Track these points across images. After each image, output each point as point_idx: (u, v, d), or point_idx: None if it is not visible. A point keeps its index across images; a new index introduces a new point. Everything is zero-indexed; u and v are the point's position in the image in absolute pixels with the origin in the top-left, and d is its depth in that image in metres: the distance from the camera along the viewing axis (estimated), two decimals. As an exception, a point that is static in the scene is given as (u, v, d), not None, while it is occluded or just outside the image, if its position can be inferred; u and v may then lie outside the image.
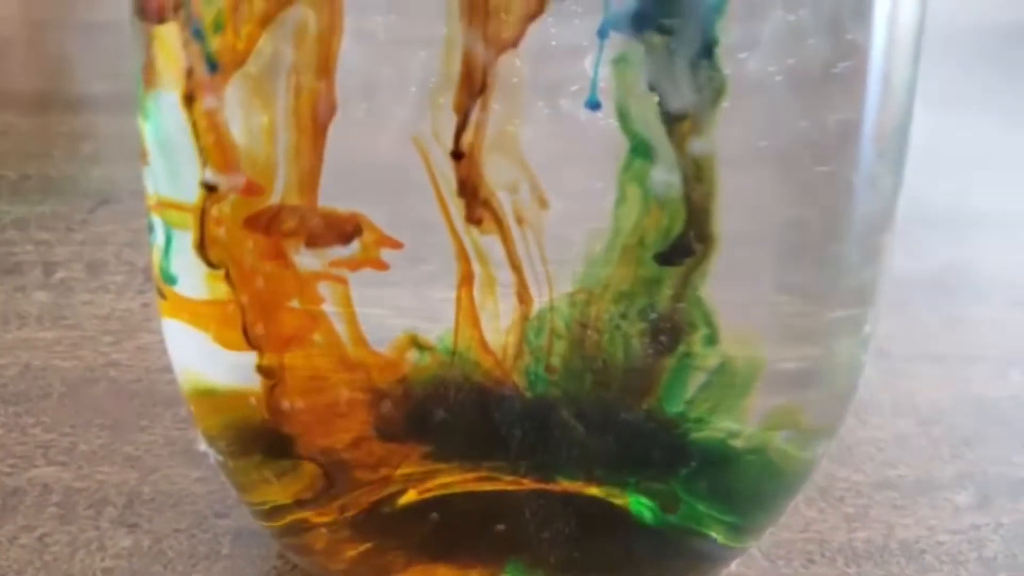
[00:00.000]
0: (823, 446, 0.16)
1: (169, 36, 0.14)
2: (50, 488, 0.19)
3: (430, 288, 0.14)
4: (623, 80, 0.13)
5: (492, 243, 0.14)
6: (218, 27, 0.13)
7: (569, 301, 0.14)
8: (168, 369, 0.22)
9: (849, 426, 0.21)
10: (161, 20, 0.14)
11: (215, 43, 0.13)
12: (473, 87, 0.13)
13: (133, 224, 0.28)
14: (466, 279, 0.14)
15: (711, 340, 0.14)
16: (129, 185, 0.29)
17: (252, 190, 0.14)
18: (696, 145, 0.13)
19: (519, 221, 0.14)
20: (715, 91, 0.13)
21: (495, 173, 0.13)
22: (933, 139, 0.32)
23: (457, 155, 0.13)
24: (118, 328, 0.23)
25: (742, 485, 0.16)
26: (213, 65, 0.13)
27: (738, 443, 0.15)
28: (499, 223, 0.14)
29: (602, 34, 0.12)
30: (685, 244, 0.14)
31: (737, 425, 0.15)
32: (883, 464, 0.20)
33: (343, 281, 0.14)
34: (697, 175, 0.13)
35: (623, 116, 0.13)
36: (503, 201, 0.13)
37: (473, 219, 0.14)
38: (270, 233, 0.14)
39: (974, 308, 0.25)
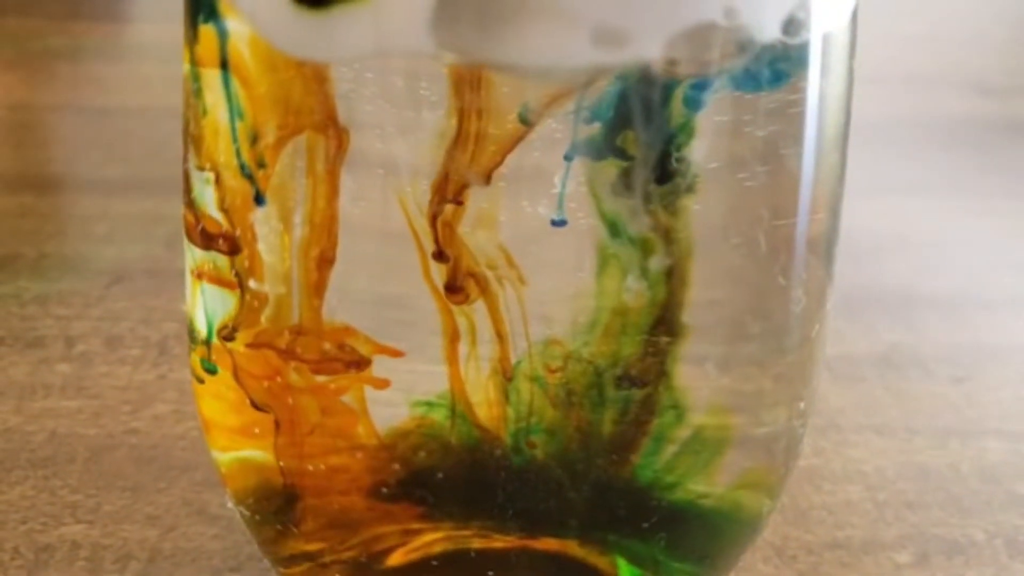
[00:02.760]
0: (770, 504, 0.18)
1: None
2: (79, 544, 0.21)
3: (414, 361, 0.16)
4: (596, 190, 0.15)
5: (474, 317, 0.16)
6: (261, 165, 0.15)
7: (546, 351, 0.15)
8: (182, 436, 0.24)
9: (804, 492, 0.23)
10: (210, 248, 0.16)
11: (259, 178, 0.15)
12: (448, 195, 0.15)
13: (146, 301, 0.30)
14: (453, 352, 0.16)
15: (680, 417, 0.16)
16: (141, 264, 0.31)
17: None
18: (655, 260, 0.15)
19: (500, 281, 0.15)
20: (678, 205, 0.15)
21: (480, 254, 0.15)
22: (886, 225, 0.35)
23: (441, 256, 0.15)
24: (135, 398, 0.25)
25: (709, 540, 0.18)
26: (261, 200, 0.15)
27: (707, 503, 0.17)
28: (487, 295, 0.15)
29: (568, 157, 0.15)
30: (644, 373, 0.16)
31: (706, 487, 0.17)
32: (833, 526, 0.22)
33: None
34: (668, 278, 0.15)
35: (601, 218, 0.15)
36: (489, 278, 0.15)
37: (457, 301, 0.15)
38: (283, 358, 0.16)
39: (918, 384, 0.27)
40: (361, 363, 0.15)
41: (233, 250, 0.16)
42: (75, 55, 0.48)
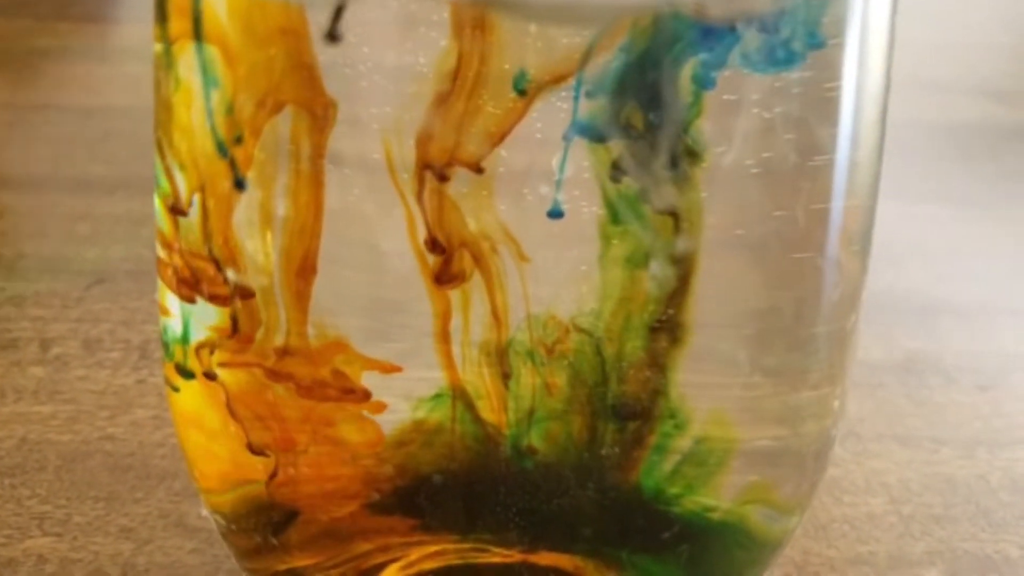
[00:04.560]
0: (796, 520, 0.16)
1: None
2: (45, 559, 0.19)
3: (411, 362, 0.15)
4: (600, 172, 0.14)
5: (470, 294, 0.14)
6: (239, 140, 0.14)
7: (545, 327, 0.14)
8: (161, 443, 0.23)
9: (824, 504, 0.22)
10: (191, 299, 0.14)
11: (239, 156, 0.14)
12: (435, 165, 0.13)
13: (127, 303, 0.28)
14: (445, 334, 0.14)
15: (680, 427, 0.15)
16: (124, 265, 0.30)
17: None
18: (680, 243, 0.14)
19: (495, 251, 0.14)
20: (687, 192, 0.14)
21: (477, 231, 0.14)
22: (902, 231, 0.34)
23: (434, 246, 0.14)
24: (113, 403, 0.24)
25: (721, 558, 0.16)
26: (240, 183, 0.14)
27: (715, 517, 0.15)
28: (486, 273, 0.14)
29: (567, 138, 0.13)
30: (635, 407, 0.14)
31: (713, 501, 0.15)
32: (856, 541, 0.21)
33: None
34: (676, 268, 0.14)
35: (607, 205, 0.14)
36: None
37: (448, 287, 0.14)
38: (273, 379, 0.14)
39: (941, 392, 0.26)
40: (356, 393, 0.14)
41: (225, 299, 0.14)
42: (62, 55, 0.47)
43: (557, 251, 0.14)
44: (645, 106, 0.13)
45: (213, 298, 0.14)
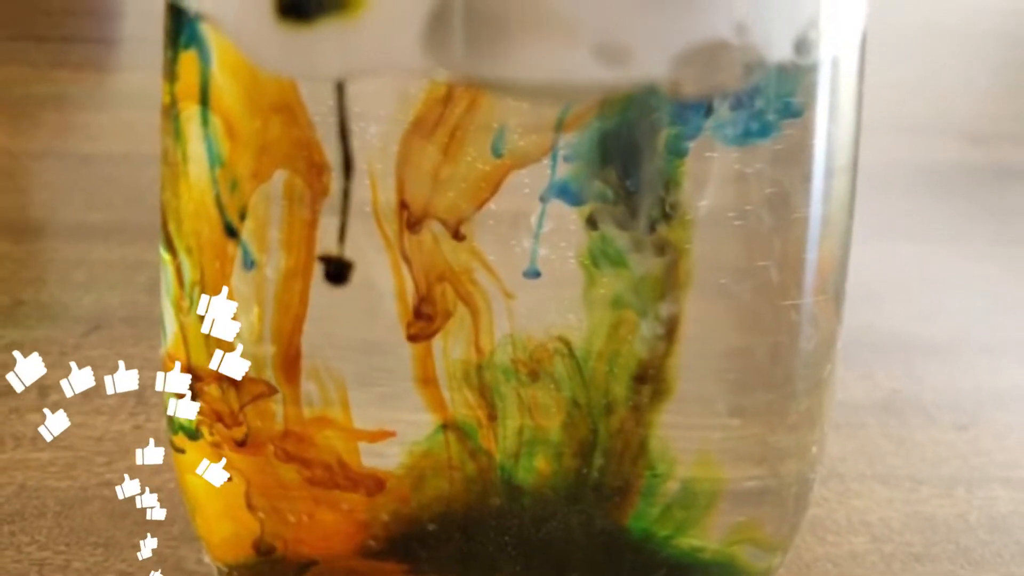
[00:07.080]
0: (779, 559, 0.17)
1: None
2: (45, 604, 0.20)
3: (392, 410, 0.15)
4: (581, 230, 0.14)
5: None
6: (243, 216, 0.14)
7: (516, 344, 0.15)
8: (159, 488, 0.23)
9: (807, 543, 0.22)
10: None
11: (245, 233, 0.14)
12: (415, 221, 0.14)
13: (124, 348, 0.29)
14: (438, 401, 0.15)
15: (665, 477, 0.15)
16: (120, 311, 0.31)
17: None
18: (664, 307, 0.14)
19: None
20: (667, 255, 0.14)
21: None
22: (881, 270, 0.35)
23: (421, 313, 0.14)
24: (111, 449, 0.24)
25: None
26: (250, 262, 0.15)
27: (705, 557, 0.16)
28: (472, 306, 0.14)
29: (544, 199, 0.14)
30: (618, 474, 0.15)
31: (702, 541, 0.16)
32: (839, 579, 0.21)
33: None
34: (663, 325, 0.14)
35: (591, 256, 0.14)
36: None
37: (417, 340, 0.15)
38: (278, 459, 0.15)
39: (921, 431, 0.26)
40: (365, 484, 0.15)
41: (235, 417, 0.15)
42: (59, 103, 0.48)
43: (541, 289, 0.14)
44: (621, 172, 0.14)
45: (221, 419, 0.15)
